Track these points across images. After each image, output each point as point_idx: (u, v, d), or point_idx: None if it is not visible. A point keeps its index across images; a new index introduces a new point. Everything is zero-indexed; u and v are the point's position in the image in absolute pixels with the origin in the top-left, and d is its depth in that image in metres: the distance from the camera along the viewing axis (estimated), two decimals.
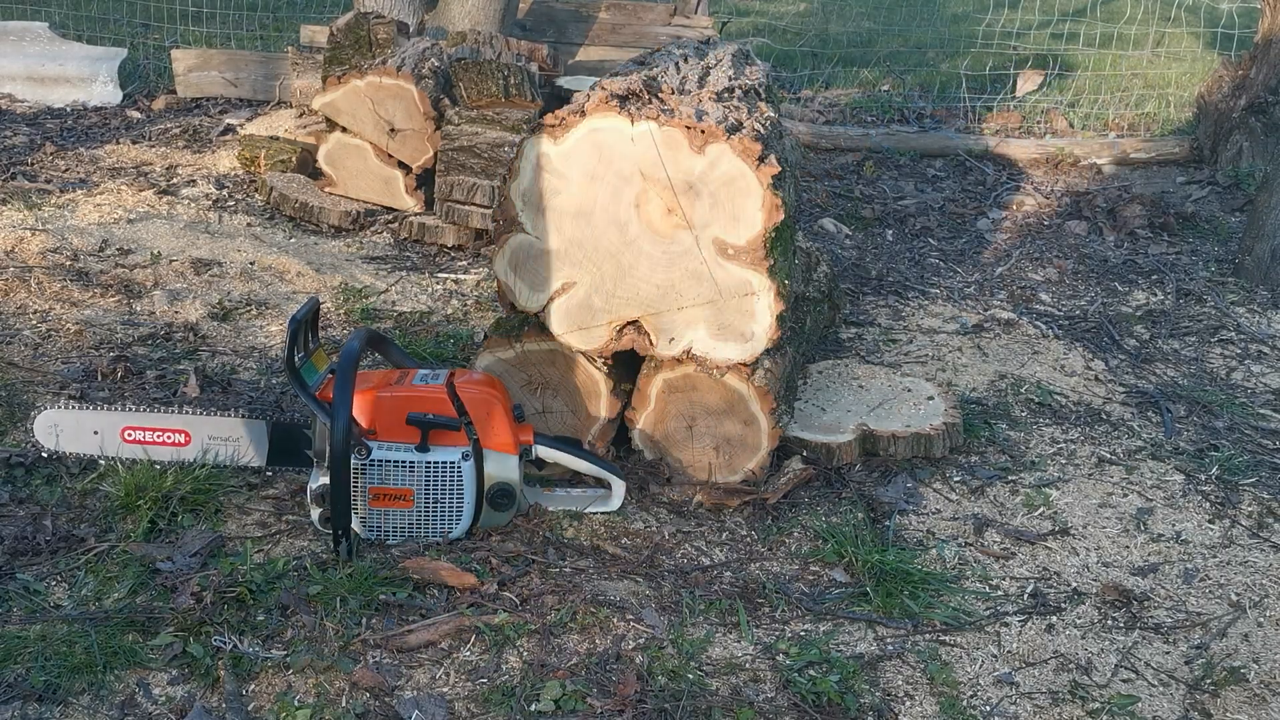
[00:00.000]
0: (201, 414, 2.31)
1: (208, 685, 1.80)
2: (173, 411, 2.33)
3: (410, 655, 1.90)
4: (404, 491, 2.15)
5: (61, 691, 1.76)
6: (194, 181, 4.37)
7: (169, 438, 2.30)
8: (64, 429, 2.30)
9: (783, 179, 2.27)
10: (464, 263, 3.82)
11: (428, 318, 3.31)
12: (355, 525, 2.14)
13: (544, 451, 2.27)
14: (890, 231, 4.42)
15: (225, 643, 1.88)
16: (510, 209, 2.30)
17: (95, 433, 2.30)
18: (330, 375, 2.15)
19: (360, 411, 2.15)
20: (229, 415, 2.33)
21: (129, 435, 2.30)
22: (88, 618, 1.92)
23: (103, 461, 2.30)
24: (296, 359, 2.11)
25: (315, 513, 2.17)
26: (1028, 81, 6.47)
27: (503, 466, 2.20)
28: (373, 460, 2.14)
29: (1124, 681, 1.96)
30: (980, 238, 4.38)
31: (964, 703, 1.88)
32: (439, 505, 2.17)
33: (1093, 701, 1.90)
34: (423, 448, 2.15)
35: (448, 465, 2.15)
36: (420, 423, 2.14)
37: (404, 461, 2.15)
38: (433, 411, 2.15)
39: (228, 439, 2.31)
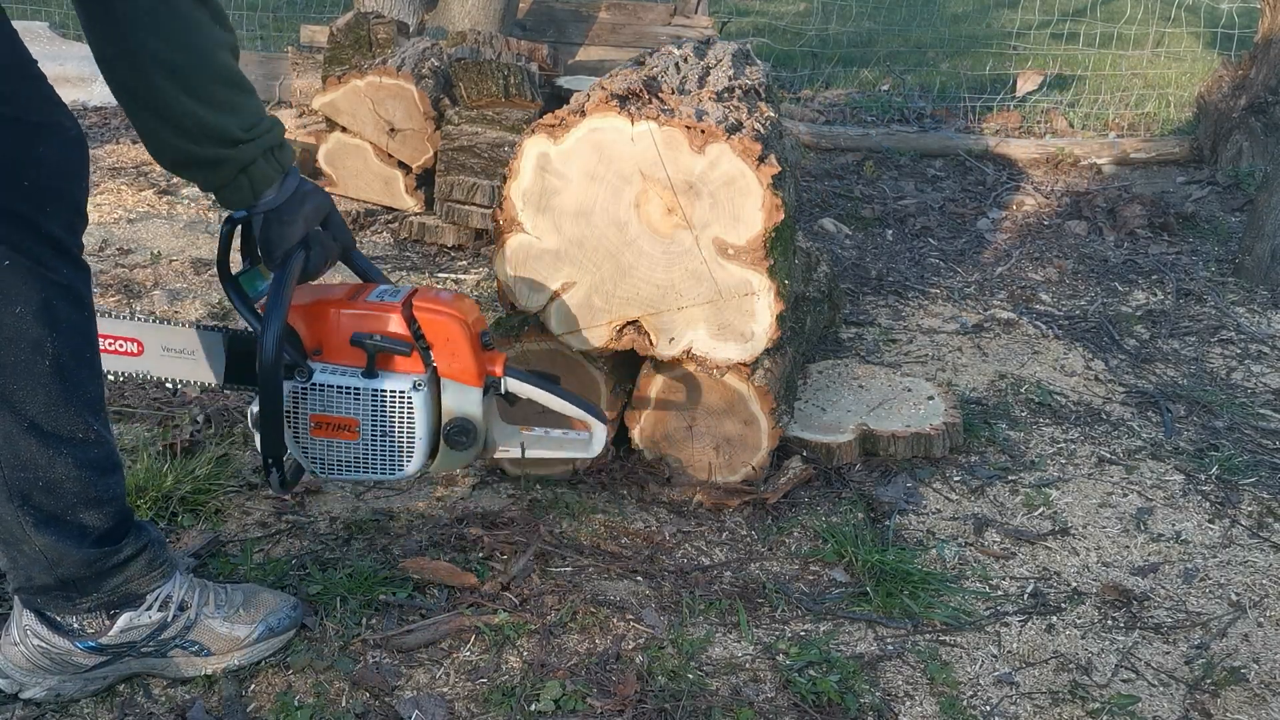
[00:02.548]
0: (156, 322, 2.08)
1: (208, 685, 1.80)
2: (124, 318, 2.08)
3: (410, 655, 1.90)
4: (348, 421, 1.93)
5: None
6: None
7: (121, 346, 2.06)
8: None
9: (783, 179, 2.27)
10: (464, 263, 3.82)
11: None
12: (296, 455, 1.96)
13: (515, 385, 2.05)
14: (890, 231, 4.42)
15: None
16: (510, 209, 2.30)
17: None
18: None
19: (305, 326, 1.94)
20: (184, 325, 2.08)
21: None
22: None
23: None
24: (243, 265, 1.91)
25: (257, 439, 1.94)
26: (1028, 81, 6.48)
27: (463, 399, 1.98)
28: (314, 384, 1.91)
29: (1124, 681, 1.96)
30: (980, 238, 4.38)
31: (964, 703, 1.88)
32: (387, 439, 1.95)
33: (1093, 701, 1.90)
34: (370, 373, 1.92)
35: (396, 394, 1.92)
36: (366, 344, 1.91)
37: (348, 387, 1.92)
38: (381, 332, 1.92)
39: (182, 351, 2.07)
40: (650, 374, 2.40)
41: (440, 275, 3.67)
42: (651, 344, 2.34)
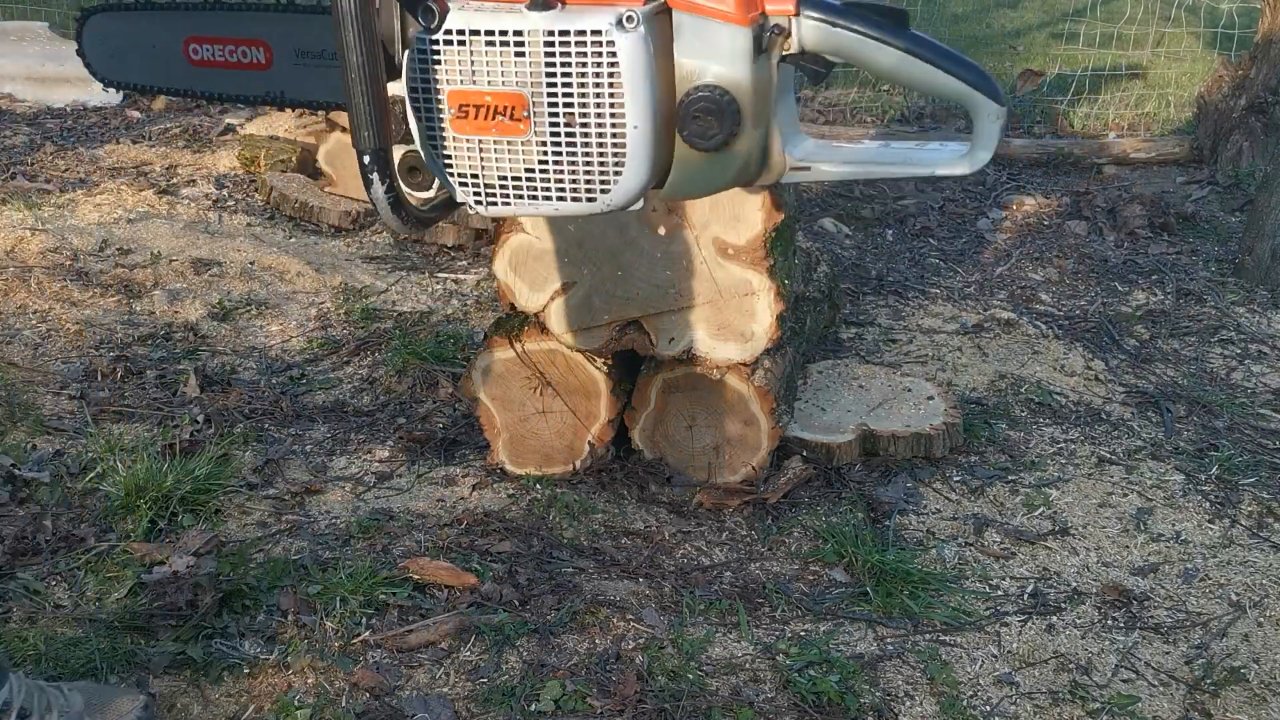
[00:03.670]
0: (285, 14, 1.57)
1: (208, 686, 1.80)
2: (245, 11, 1.60)
3: (410, 655, 1.90)
4: (509, 101, 1.14)
5: None
6: (194, 181, 4.38)
7: (243, 55, 1.58)
8: (114, 41, 1.76)
9: None
10: (464, 263, 3.82)
11: (428, 318, 3.31)
12: (433, 169, 1.27)
13: (818, 33, 1.20)
14: (890, 231, 4.42)
15: (225, 644, 1.88)
16: None
17: (154, 46, 1.72)
18: None
19: None
20: (319, 16, 1.52)
21: (195, 52, 1.66)
22: (89, 619, 1.92)
23: (164, 96, 1.75)
24: None
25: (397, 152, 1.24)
26: (1028, 81, 6.47)
27: (716, 49, 1.15)
28: (450, 33, 1.16)
29: (1124, 681, 1.96)
30: (980, 238, 4.38)
31: (964, 703, 1.88)
32: (578, 131, 1.16)
33: (1093, 701, 1.90)
34: (539, 3, 1.13)
35: (590, 40, 1.12)
36: None
37: (505, 34, 1.13)
38: None
39: (323, 54, 1.53)
40: (650, 374, 2.40)
41: (440, 275, 3.67)
42: (651, 344, 2.34)
